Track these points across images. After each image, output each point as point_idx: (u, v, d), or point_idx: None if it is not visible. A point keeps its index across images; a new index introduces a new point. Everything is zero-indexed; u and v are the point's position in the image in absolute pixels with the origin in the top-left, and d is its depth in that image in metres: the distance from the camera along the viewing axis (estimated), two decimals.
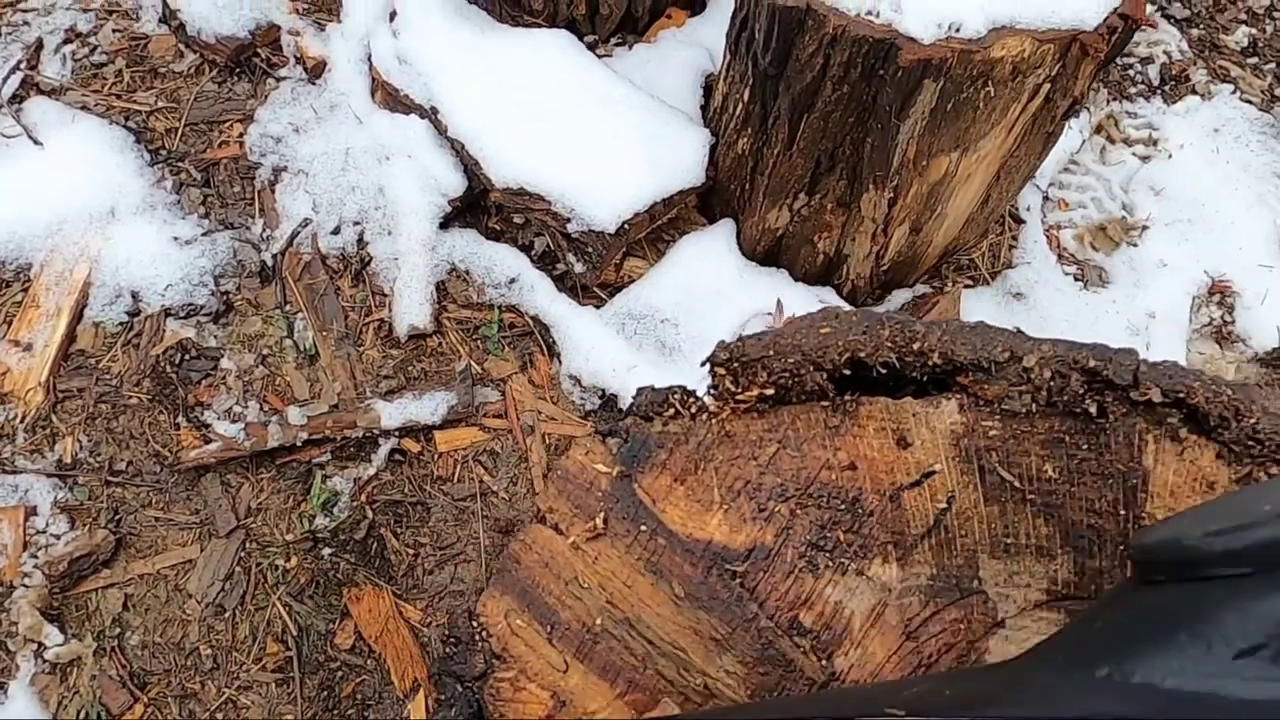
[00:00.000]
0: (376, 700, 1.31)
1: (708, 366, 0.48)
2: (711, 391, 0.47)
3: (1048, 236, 1.69)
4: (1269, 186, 1.77)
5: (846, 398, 0.50)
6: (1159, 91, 1.92)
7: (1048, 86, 1.23)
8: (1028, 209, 1.72)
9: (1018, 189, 1.51)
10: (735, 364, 0.46)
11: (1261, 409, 0.58)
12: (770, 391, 0.44)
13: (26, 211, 1.56)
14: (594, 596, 0.43)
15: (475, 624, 0.38)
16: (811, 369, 0.45)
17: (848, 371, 0.51)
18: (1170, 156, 1.80)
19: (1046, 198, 1.75)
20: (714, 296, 1.52)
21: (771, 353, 0.45)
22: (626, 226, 1.46)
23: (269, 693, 1.32)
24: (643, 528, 0.46)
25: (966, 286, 1.62)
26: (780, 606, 0.47)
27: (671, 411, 0.45)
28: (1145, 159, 1.82)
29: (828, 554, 0.49)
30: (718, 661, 0.45)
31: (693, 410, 0.46)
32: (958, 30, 1.13)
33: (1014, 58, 1.15)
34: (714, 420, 0.45)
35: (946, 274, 1.64)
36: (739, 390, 0.45)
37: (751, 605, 0.46)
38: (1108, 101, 1.88)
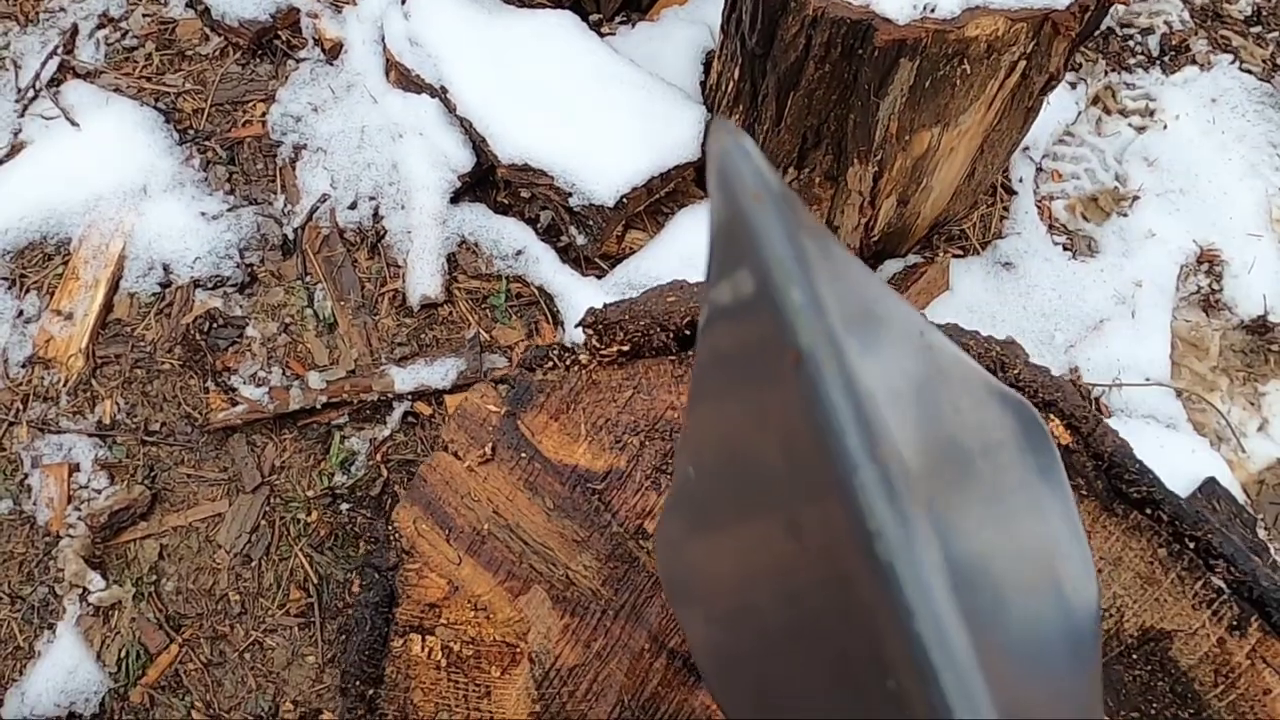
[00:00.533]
0: None
1: (580, 328, 0.56)
2: (582, 347, 0.56)
3: (1039, 207, 1.74)
4: (1263, 156, 1.80)
5: (689, 354, 0.59)
6: (1158, 62, 1.94)
7: (1023, 64, 1.28)
8: (1020, 180, 1.76)
9: (1002, 162, 1.56)
10: (599, 325, 0.55)
11: (1024, 362, 0.65)
12: (627, 348, 0.53)
13: (65, 190, 1.67)
14: (483, 508, 0.53)
15: (390, 528, 0.47)
16: (659, 330, 0.53)
17: (689, 332, 0.61)
18: (1166, 127, 1.83)
19: (1040, 169, 1.79)
20: None
21: (627, 317, 0.54)
22: (625, 200, 1.53)
23: (292, 635, 1.43)
24: (523, 454, 0.56)
25: (956, 256, 1.67)
26: (629, 516, 0.57)
27: (550, 364, 0.54)
28: (1141, 130, 1.85)
29: (668, 475, 0.58)
30: (578, 558, 0.56)
31: (567, 363, 0.54)
32: (932, 10, 1.19)
33: (988, 36, 1.20)
34: (584, 371, 0.54)
35: (937, 244, 1.69)
36: (602, 347, 0.54)
37: (606, 515, 0.56)
38: (1105, 73, 1.90)
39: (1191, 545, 0.67)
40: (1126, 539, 0.66)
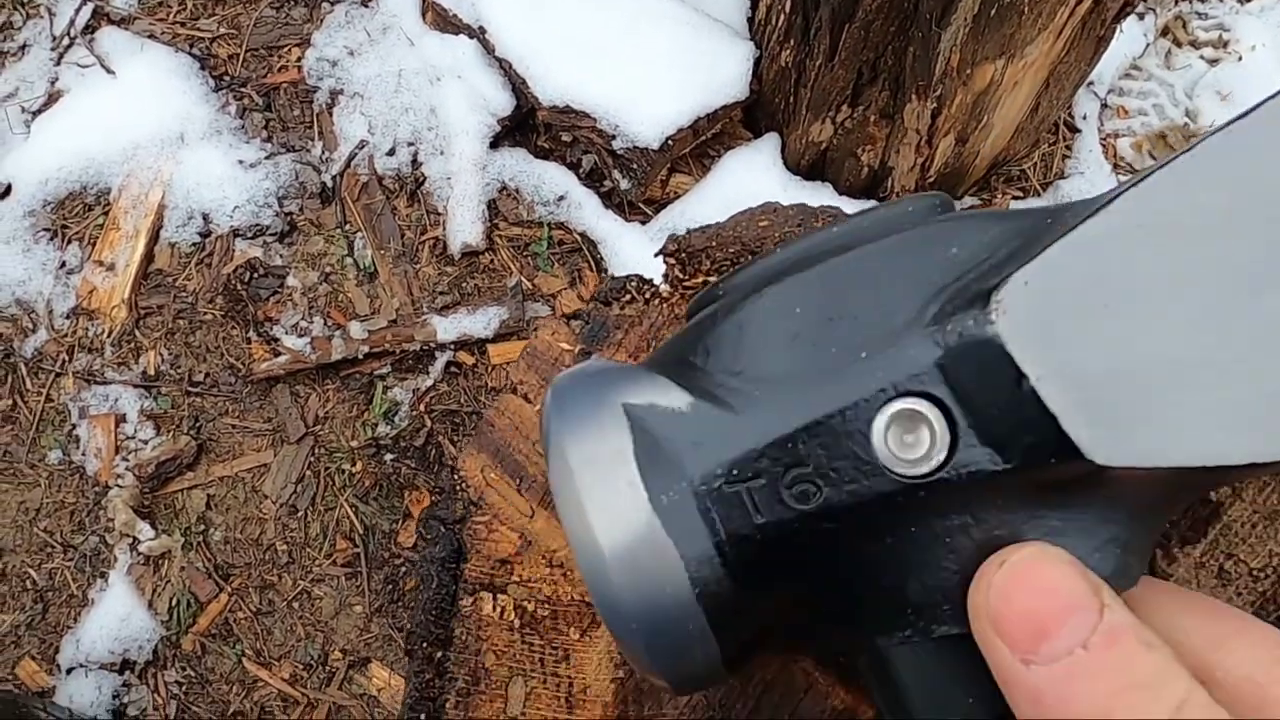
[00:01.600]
0: None
1: (660, 257, 0.52)
2: (663, 279, 0.51)
3: (1103, 145, 1.66)
4: None
5: None
6: None
7: None
8: (1084, 117, 1.68)
9: (1069, 97, 1.48)
10: (683, 254, 0.50)
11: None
12: (714, 279, 0.48)
13: (103, 139, 1.65)
14: None
15: (456, 477, 0.44)
16: (750, 257, 0.48)
17: None
18: (1240, 59, 1.73)
19: (1105, 105, 1.70)
20: None
21: (714, 243, 0.49)
22: (670, 142, 1.48)
23: (339, 585, 1.43)
24: None
25: (1015, 198, 1.60)
26: None
27: (628, 297, 0.50)
28: (1214, 62, 1.75)
29: None
30: None
31: (647, 296, 0.50)
32: None
33: None
34: (665, 304, 0.50)
35: (996, 185, 1.62)
36: (686, 278, 0.49)
37: None
38: (1175, 2, 1.80)
39: None
40: None
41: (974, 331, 0.30)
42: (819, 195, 1.54)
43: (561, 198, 1.61)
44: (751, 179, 1.56)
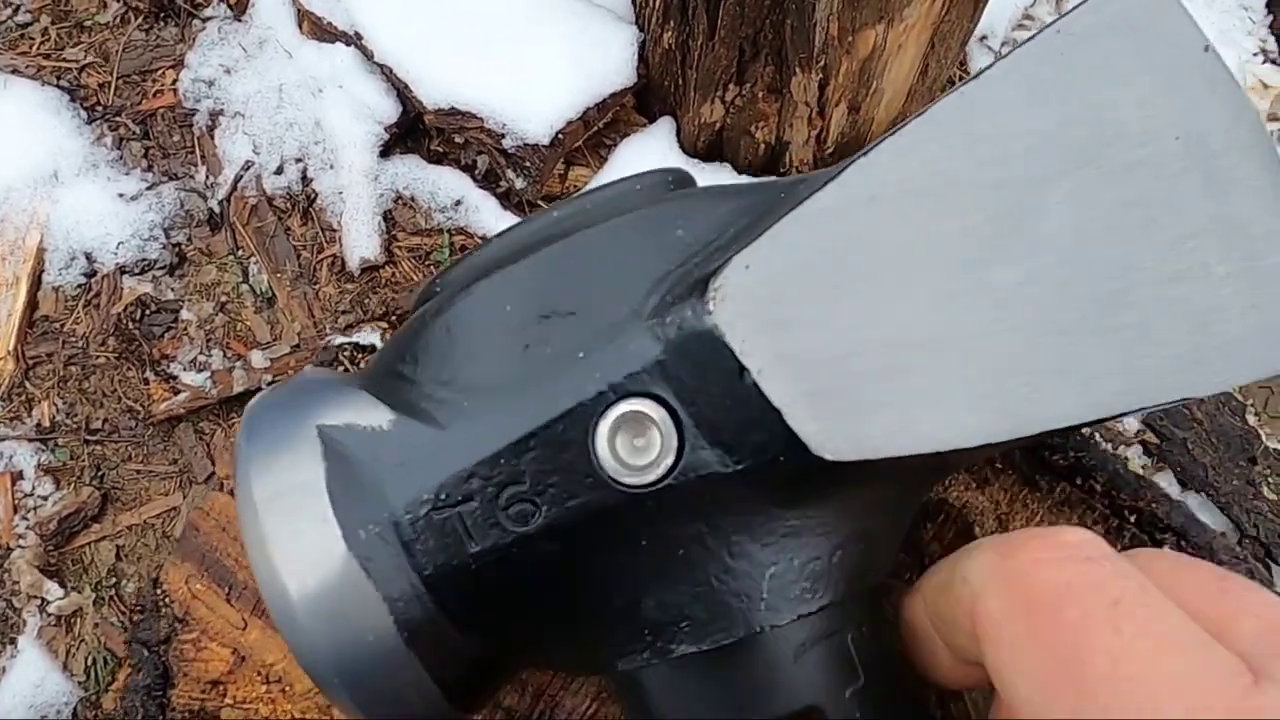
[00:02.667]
0: None
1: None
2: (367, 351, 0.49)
3: None
4: (1234, 21, 1.70)
5: None
6: None
7: None
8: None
9: (957, 54, 1.46)
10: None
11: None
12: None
13: None
14: None
15: (159, 592, 0.40)
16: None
17: None
18: None
19: (999, 57, 1.69)
20: None
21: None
22: (561, 136, 1.44)
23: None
24: None
25: None
26: None
27: (343, 368, 0.47)
28: None
29: None
30: None
31: (360, 363, 0.47)
32: None
33: None
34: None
35: None
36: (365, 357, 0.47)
37: None
38: None
39: (1133, 519, 0.59)
40: (1052, 518, 0.59)
41: (693, 323, 0.28)
42: (719, 176, 1.51)
43: (458, 202, 1.56)
44: (650, 164, 1.51)
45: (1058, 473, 0.61)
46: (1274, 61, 1.68)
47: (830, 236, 0.27)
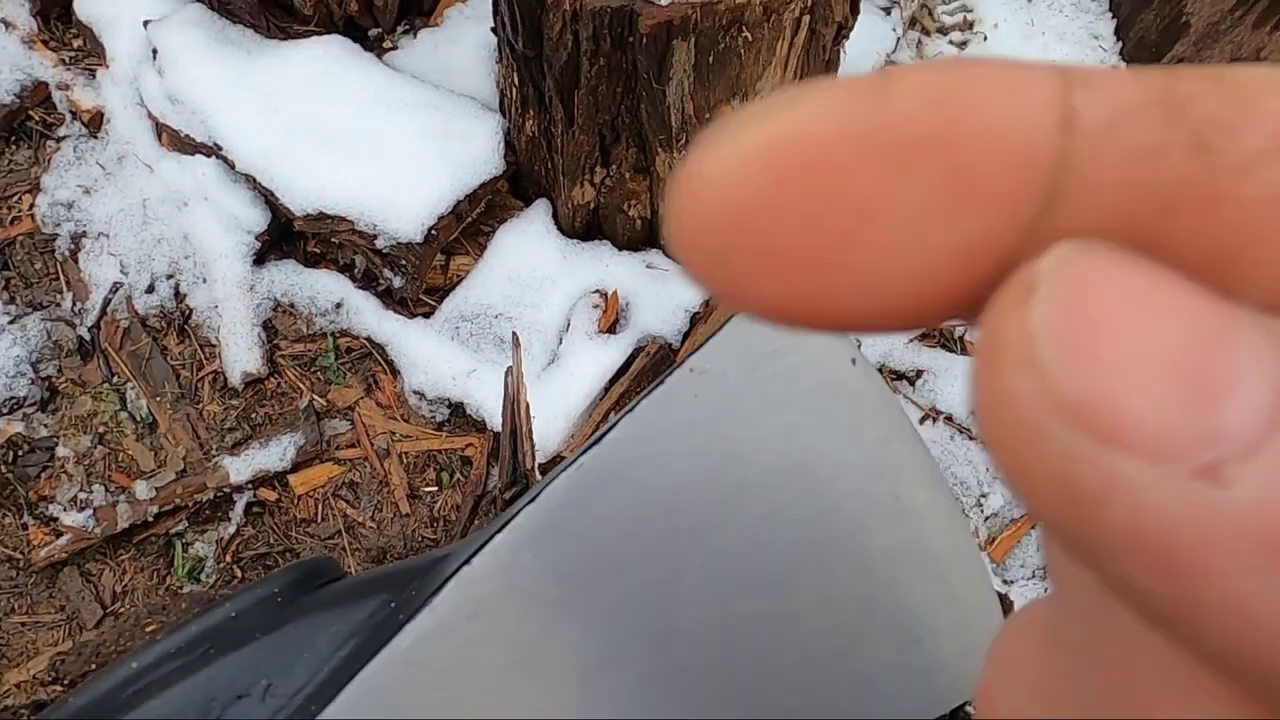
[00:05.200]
0: None
1: None
2: None
3: None
4: (1086, 51, 1.75)
5: None
6: None
7: (808, 18, 1.19)
8: None
9: None
10: None
11: None
12: None
13: None
14: None
15: None
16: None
17: None
18: (986, 38, 1.77)
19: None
20: (542, 281, 1.49)
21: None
22: (434, 232, 1.42)
23: None
24: None
25: None
26: None
27: None
28: (963, 45, 1.79)
29: None
30: None
31: None
32: None
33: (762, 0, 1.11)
34: None
35: None
36: None
37: None
38: None
39: None
40: None
41: None
42: (599, 253, 1.50)
43: (339, 304, 1.53)
44: (529, 248, 1.51)
45: None
46: None
47: (428, 670, 0.25)
